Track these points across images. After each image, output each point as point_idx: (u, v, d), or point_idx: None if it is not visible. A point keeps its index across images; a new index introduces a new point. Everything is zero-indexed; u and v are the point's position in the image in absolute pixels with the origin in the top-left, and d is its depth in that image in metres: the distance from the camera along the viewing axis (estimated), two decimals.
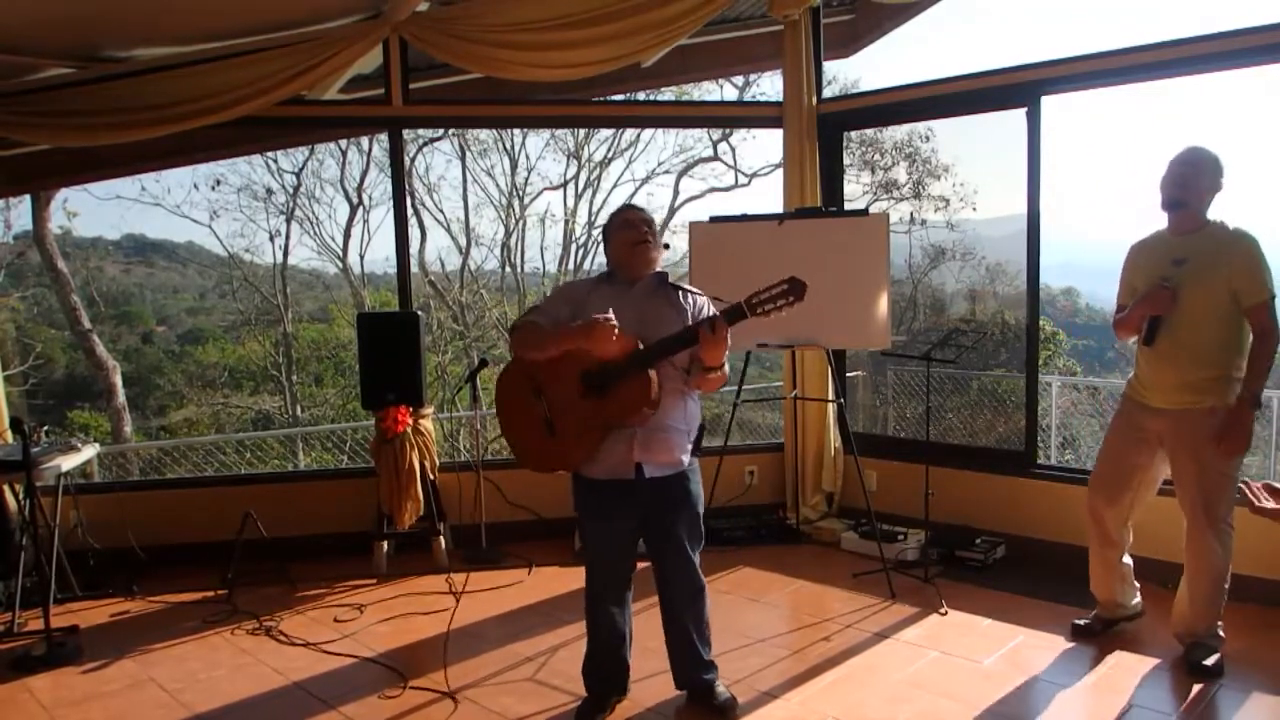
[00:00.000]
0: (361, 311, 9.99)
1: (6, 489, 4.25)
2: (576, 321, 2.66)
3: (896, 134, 11.37)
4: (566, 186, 13.10)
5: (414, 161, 12.13)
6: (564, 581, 4.23)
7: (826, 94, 5.09)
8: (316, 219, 12.93)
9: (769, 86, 12.12)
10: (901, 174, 11.63)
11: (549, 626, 3.71)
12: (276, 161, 12.33)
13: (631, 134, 12.87)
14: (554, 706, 3.01)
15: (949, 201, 11.55)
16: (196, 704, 3.10)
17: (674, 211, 13.33)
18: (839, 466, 4.99)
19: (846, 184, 5.25)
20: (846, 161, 5.46)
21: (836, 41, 5.71)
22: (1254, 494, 1.54)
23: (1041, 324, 6.34)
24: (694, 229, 4.54)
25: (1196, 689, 2.98)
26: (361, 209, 12.69)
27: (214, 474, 7.70)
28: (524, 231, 13.17)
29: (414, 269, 8.30)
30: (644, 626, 3.17)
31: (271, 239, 12.79)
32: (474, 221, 12.98)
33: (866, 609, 3.80)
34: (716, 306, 2.69)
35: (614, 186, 13.43)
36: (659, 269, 2.84)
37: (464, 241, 12.95)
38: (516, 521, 4.81)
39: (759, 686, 3.10)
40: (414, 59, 4.77)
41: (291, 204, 12.66)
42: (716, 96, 12.22)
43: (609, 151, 13.08)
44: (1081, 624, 3.45)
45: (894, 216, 10.67)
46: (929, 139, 11.29)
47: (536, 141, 13.01)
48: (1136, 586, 3.46)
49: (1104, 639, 3.39)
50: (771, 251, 4.29)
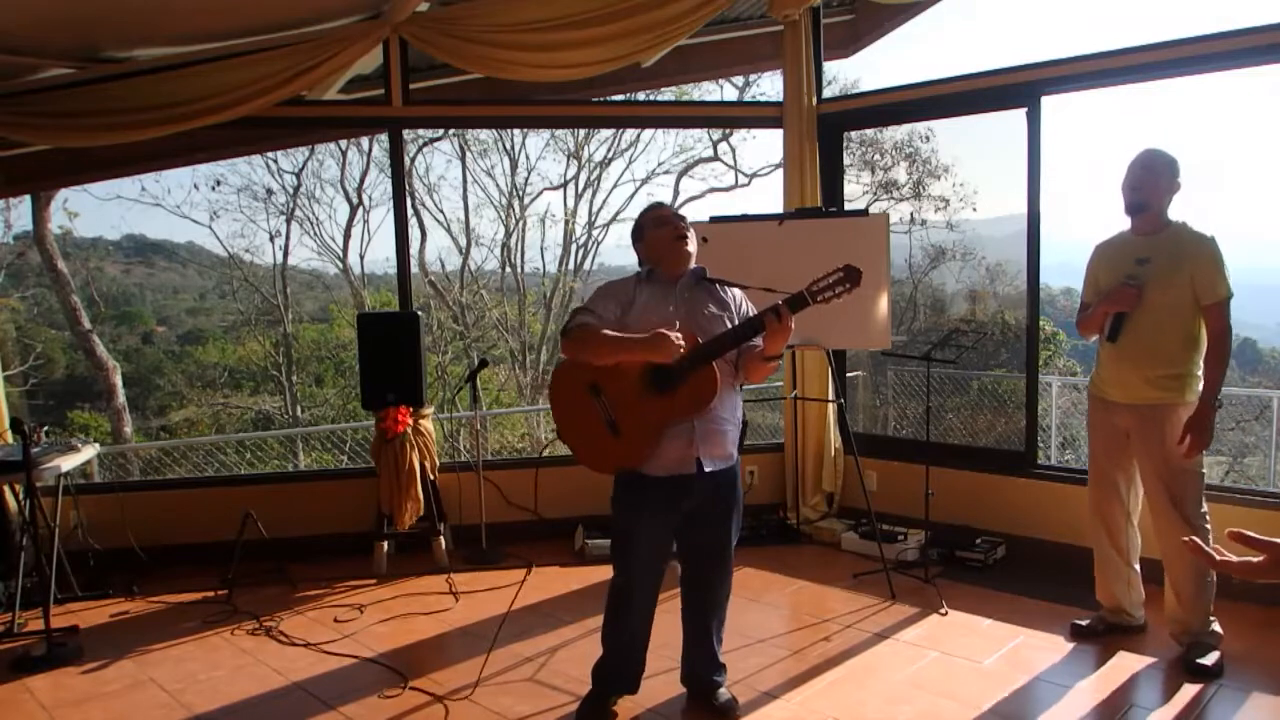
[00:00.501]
0: (361, 312, 9.98)
1: (6, 489, 4.25)
2: (630, 318, 2.68)
3: (896, 134, 11.38)
4: (566, 187, 13.12)
5: (414, 162, 12.14)
6: (564, 581, 4.23)
7: (826, 94, 5.09)
8: (316, 219, 12.97)
9: (769, 86, 12.14)
10: (901, 174, 11.64)
11: (549, 626, 3.71)
12: (276, 162, 12.37)
13: (631, 134, 12.88)
14: (554, 706, 3.00)
15: (949, 201, 11.57)
16: (196, 704, 3.10)
17: None
18: (839, 467, 4.99)
19: (846, 184, 5.25)
20: (846, 161, 5.45)
21: (836, 41, 5.71)
22: (1215, 550, 1.43)
23: (1041, 324, 6.34)
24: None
25: (1196, 689, 2.98)
26: (361, 209, 12.72)
27: (214, 474, 7.70)
28: (524, 232, 13.20)
29: (414, 269, 8.29)
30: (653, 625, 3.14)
31: (271, 239, 12.83)
32: (474, 222, 13.02)
33: (867, 609, 3.80)
34: (764, 298, 2.69)
35: (614, 187, 13.47)
36: (695, 265, 2.85)
37: (464, 242, 12.97)
38: (516, 521, 4.81)
39: (759, 686, 3.10)
40: (414, 59, 4.77)
41: (291, 204, 12.69)
42: (716, 96, 12.24)
43: (609, 152, 13.10)
44: (1082, 624, 3.45)
45: (894, 216, 10.68)
46: (929, 139, 11.31)
47: (536, 141, 13.04)
48: (1143, 597, 3.45)
49: (1104, 639, 3.39)
50: (771, 252, 4.28)
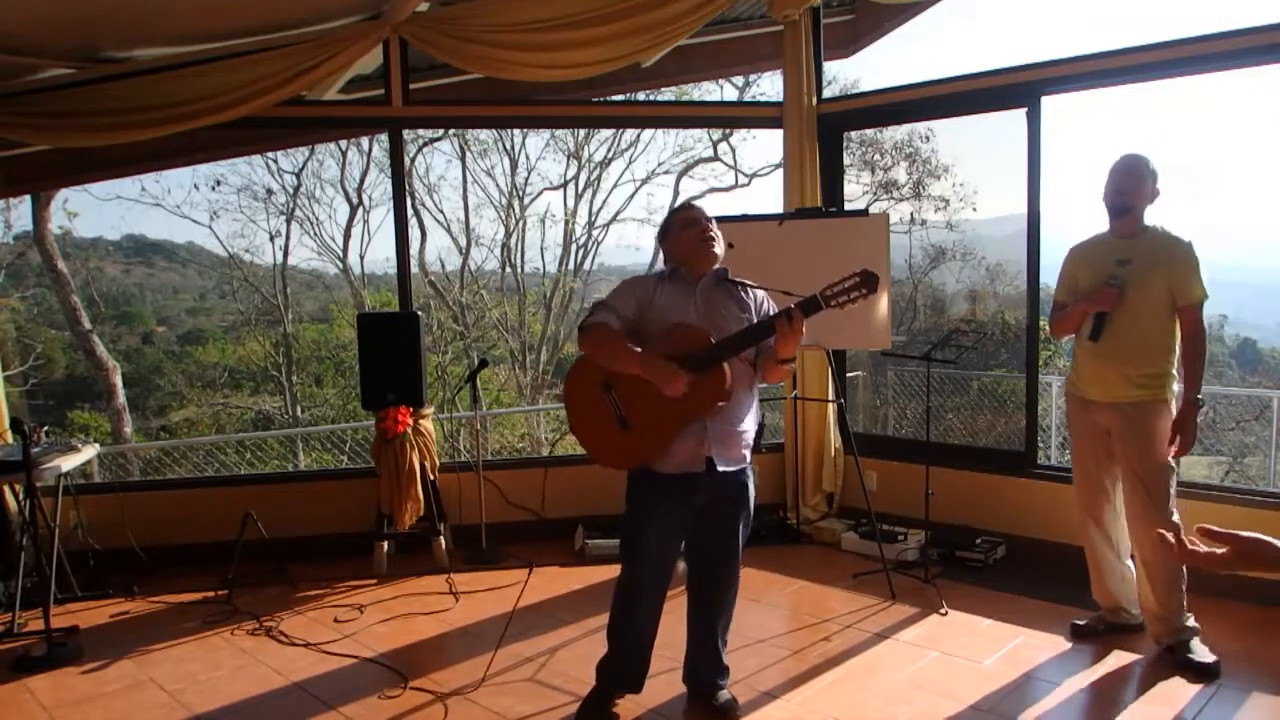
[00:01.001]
0: (361, 312, 9.99)
1: (6, 490, 4.25)
2: (649, 318, 2.72)
3: (896, 134, 11.37)
4: (566, 187, 13.11)
5: (414, 162, 12.13)
6: (564, 581, 4.23)
7: (826, 94, 5.09)
8: (316, 219, 12.95)
9: (769, 86, 12.12)
10: (901, 174, 11.63)
11: (549, 626, 3.71)
12: (276, 162, 12.35)
13: (631, 134, 12.86)
14: (554, 706, 3.00)
15: (949, 201, 11.56)
16: (196, 704, 3.10)
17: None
18: (839, 467, 4.99)
19: (846, 184, 5.25)
20: (846, 161, 5.45)
21: (836, 41, 5.71)
22: (1187, 540, 1.45)
23: (1041, 324, 6.32)
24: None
25: (1196, 689, 2.99)
26: (361, 209, 12.71)
27: (214, 474, 7.70)
28: (524, 232, 13.19)
29: (414, 269, 8.29)
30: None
31: (271, 239, 12.82)
32: (474, 222, 13.00)
33: (867, 609, 3.80)
34: (781, 300, 2.70)
35: (614, 187, 13.45)
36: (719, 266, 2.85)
37: (464, 242, 12.96)
38: (516, 521, 4.81)
39: (759, 686, 3.10)
40: (414, 59, 4.77)
41: (291, 204, 12.68)
42: (716, 96, 12.22)
43: (609, 152, 13.08)
44: (1082, 624, 3.45)
45: (894, 216, 10.67)
46: (929, 139, 11.30)
47: (536, 142, 13.00)
48: (1138, 595, 3.44)
49: (1104, 639, 3.40)
50: (772, 252, 4.28)
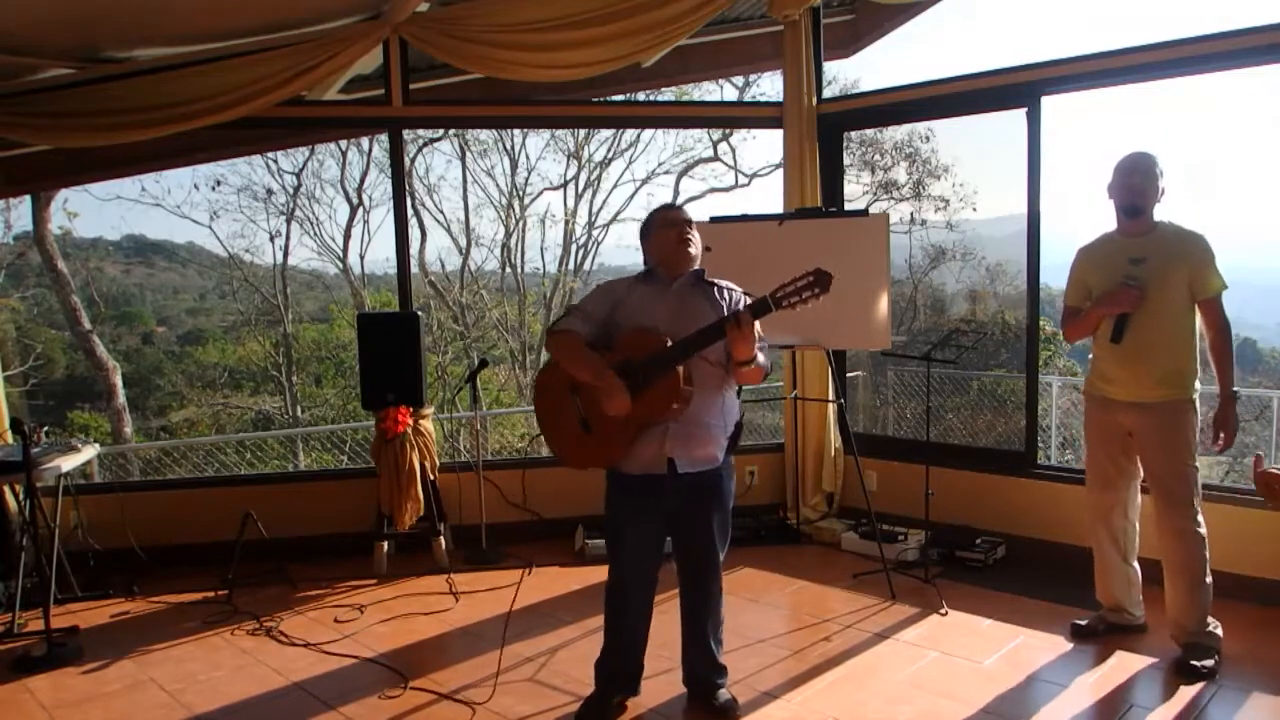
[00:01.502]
0: (361, 312, 9.99)
1: (7, 490, 4.25)
2: (618, 317, 2.76)
3: (896, 134, 11.39)
4: (566, 187, 13.12)
5: (414, 162, 12.14)
6: (564, 581, 4.23)
7: (826, 94, 5.09)
8: (316, 219, 12.97)
9: (769, 86, 12.13)
10: (901, 174, 11.64)
11: (549, 626, 3.71)
12: (276, 162, 12.36)
13: (631, 134, 12.88)
14: (554, 707, 3.00)
15: (949, 201, 11.57)
16: (197, 705, 3.10)
17: None
18: (839, 467, 4.99)
19: (846, 184, 5.24)
20: (846, 161, 5.45)
21: (836, 41, 5.71)
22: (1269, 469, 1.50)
23: (1041, 324, 6.33)
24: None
25: (1196, 689, 2.98)
26: (361, 209, 12.72)
27: (214, 474, 7.70)
28: (524, 232, 13.20)
29: (414, 269, 8.29)
30: (653, 625, 3.14)
31: (271, 239, 12.83)
32: (474, 222, 13.01)
33: (867, 609, 3.80)
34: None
35: (614, 187, 13.46)
36: (696, 267, 2.87)
37: (464, 242, 12.97)
38: (516, 521, 4.80)
39: (759, 686, 3.10)
40: (414, 59, 4.77)
41: (291, 204, 12.69)
42: (716, 96, 12.23)
43: (609, 152, 13.10)
44: (1082, 624, 3.45)
45: (894, 216, 10.68)
46: (929, 139, 11.31)
47: (536, 142, 13.01)
48: (1143, 595, 3.45)
49: (1104, 640, 3.39)
50: (771, 252, 4.28)
